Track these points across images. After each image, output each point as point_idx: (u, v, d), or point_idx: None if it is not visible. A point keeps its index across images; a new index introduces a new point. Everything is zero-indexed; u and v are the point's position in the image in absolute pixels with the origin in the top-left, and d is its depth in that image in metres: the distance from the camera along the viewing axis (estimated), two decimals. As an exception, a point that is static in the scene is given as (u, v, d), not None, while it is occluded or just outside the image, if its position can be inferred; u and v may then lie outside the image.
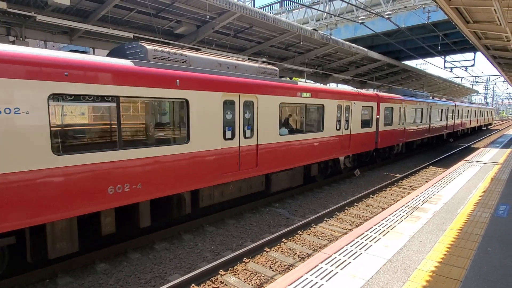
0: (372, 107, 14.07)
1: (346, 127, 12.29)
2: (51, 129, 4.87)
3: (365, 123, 13.70)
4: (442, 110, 23.30)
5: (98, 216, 5.82)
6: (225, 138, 7.57)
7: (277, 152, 9.15)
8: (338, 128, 11.81)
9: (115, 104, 5.62)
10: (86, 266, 5.93)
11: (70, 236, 5.43)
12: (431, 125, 21.38)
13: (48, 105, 4.80)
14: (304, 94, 9.96)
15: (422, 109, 19.52)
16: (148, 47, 6.47)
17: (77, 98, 5.23)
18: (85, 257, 5.95)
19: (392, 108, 15.75)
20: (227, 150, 7.64)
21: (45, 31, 10.14)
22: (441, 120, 23.37)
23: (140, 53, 6.52)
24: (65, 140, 5.55)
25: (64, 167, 5.01)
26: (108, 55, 6.88)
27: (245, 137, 8.12)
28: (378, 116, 14.49)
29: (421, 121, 19.60)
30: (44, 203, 4.86)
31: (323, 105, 10.84)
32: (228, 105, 7.62)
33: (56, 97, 4.96)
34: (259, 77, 8.61)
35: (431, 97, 23.43)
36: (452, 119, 26.05)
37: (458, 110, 27.94)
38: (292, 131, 9.90)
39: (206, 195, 7.64)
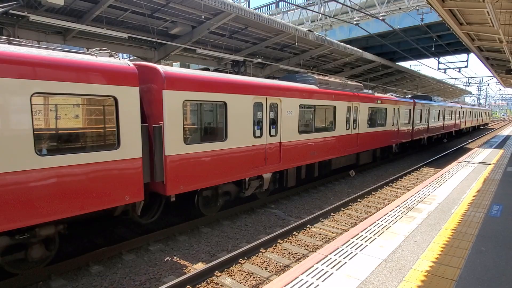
0: (410, 110, 18.87)
1: (396, 124, 17.24)
2: (299, 121, 9.94)
3: (406, 121, 18.59)
4: (452, 111, 27.78)
5: (299, 168, 10.85)
6: (346, 128, 12.62)
7: (365, 139, 14.14)
8: (392, 124, 16.69)
9: (313, 109, 10.69)
10: (80, 268, 5.86)
11: (296, 177, 10.66)
12: (444, 124, 25.88)
13: (299, 109, 9.87)
14: (378, 101, 14.96)
15: (439, 110, 24.08)
16: (317, 76, 11.31)
17: (300, 106, 10.06)
18: (79, 259, 5.89)
19: (421, 110, 20.54)
20: (345, 136, 12.65)
21: (39, 31, 10.06)
22: (451, 119, 27.76)
23: (310, 80, 11.16)
24: (301, 126, 10.24)
25: (303, 139, 10.27)
26: (280, 79, 11.10)
27: (353, 128, 13.22)
28: (413, 116, 19.23)
29: (438, 120, 24.10)
30: (292, 159, 9.96)
31: (386, 108, 15.91)
32: (348, 109, 12.65)
33: (301, 106, 10.01)
34: (355, 90, 13.43)
35: (443, 101, 27.21)
36: (458, 118, 30.66)
37: (463, 111, 32.46)
38: (370, 126, 14.56)
39: (334, 163, 12.51)
